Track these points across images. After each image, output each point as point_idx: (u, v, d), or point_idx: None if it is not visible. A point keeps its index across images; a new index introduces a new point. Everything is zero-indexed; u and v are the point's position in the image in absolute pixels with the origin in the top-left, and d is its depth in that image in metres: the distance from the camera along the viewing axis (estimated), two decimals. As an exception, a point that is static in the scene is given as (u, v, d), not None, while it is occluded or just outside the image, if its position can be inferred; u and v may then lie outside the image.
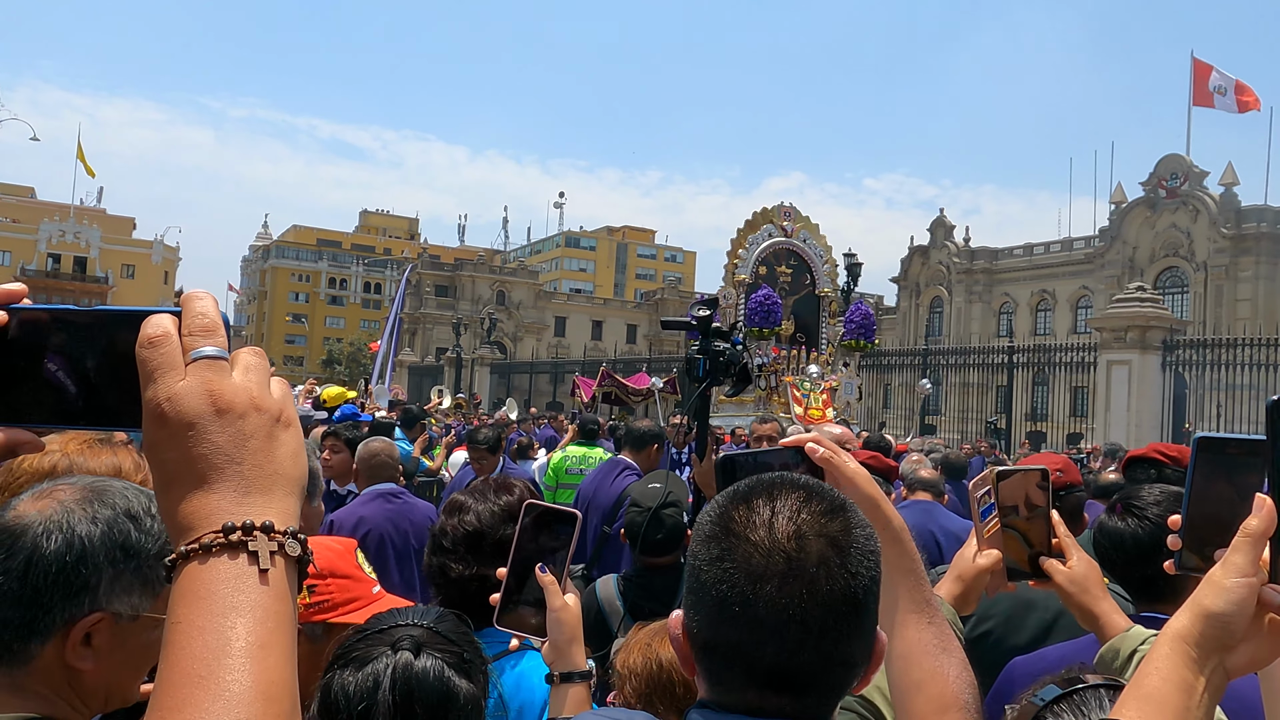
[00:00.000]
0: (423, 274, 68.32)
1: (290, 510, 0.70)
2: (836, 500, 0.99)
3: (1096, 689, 1.14)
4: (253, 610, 0.64)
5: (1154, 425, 19.23)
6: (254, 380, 0.71)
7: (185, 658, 0.62)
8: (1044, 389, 27.96)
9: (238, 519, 0.66)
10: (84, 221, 73.60)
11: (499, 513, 2.12)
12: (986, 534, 1.57)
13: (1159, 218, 49.82)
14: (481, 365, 38.74)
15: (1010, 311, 57.65)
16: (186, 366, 0.69)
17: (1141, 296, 20.74)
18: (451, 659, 1.30)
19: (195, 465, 0.67)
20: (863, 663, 0.98)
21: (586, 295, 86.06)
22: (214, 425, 0.68)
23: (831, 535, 0.94)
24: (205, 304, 0.72)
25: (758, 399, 15.89)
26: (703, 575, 0.96)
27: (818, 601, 0.92)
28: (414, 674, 1.26)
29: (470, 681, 1.30)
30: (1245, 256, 46.32)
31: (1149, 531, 1.81)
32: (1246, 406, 21.44)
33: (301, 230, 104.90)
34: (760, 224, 16.87)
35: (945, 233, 61.20)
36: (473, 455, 6.58)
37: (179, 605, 0.65)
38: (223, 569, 0.65)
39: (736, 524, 0.96)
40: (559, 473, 8.43)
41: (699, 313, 3.57)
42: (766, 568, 0.92)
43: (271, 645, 0.64)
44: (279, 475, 0.70)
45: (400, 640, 1.29)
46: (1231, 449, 1.28)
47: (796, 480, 1.02)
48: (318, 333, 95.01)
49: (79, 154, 53.04)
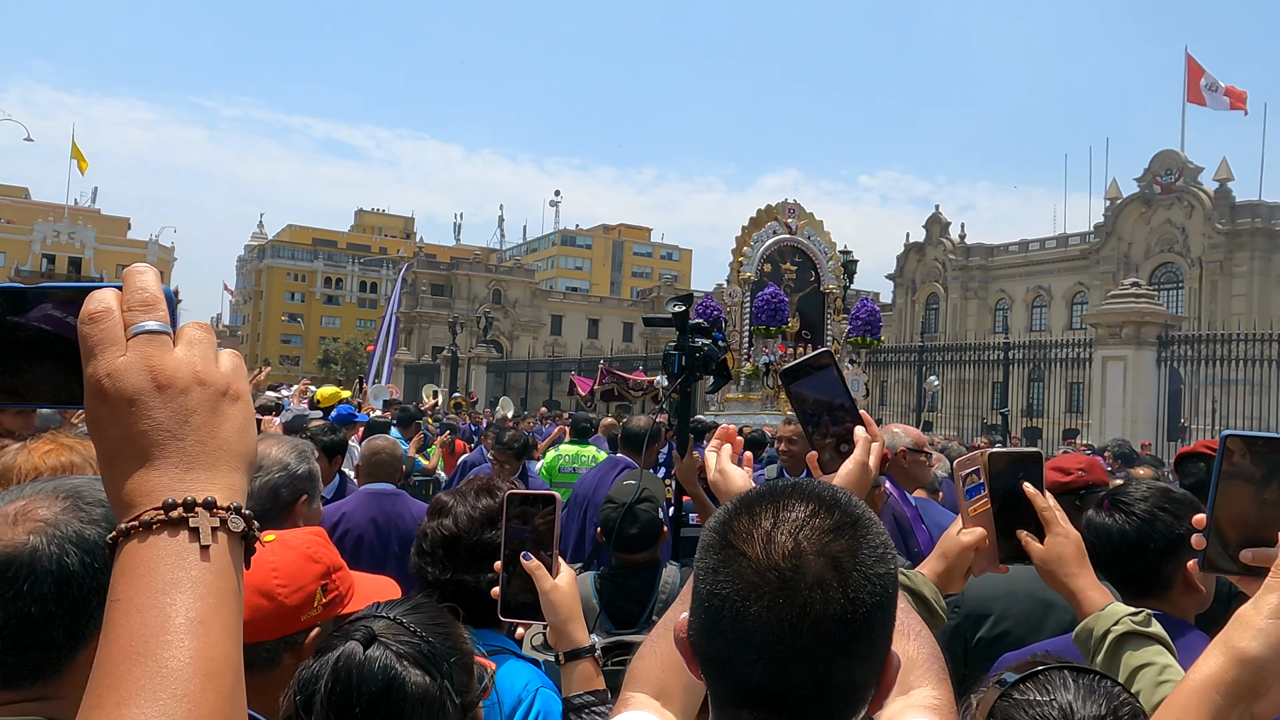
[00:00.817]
0: (419, 273, 68.30)
1: (236, 485, 0.69)
2: (850, 515, 0.93)
3: (1060, 670, 1.16)
4: (193, 586, 0.64)
5: (1149, 421, 19.27)
6: (198, 354, 0.70)
7: (123, 635, 0.61)
8: (1039, 385, 28.05)
9: (179, 495, 0.65)
10: (78, 222, 73.52)
11: (478, 517, 2.10)
12: (972, 513, 1.56)
13: (1154, 214, 49.92)
14: (478, 364, 38.75)
15: (1006, 308, 57.75)
16: (127, 342, 0.68)
17: (1136, 292, 20.78)
18: (406, 649, 1.26)
19: (137, 442, 0.66)
20: (868, 686, 0.93)
21: (583, 294, 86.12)
22: (155, 401, 0.67)
23: (834, 554, 0.89)
24: (146, 279, 0.71)
25: (765, 397, 15.86)
26: (700, 584, 0.93)
27: (809, 624, 0.87)
28: (354, 665, 1.23)
29: (428, 674, 1.25)
30: (1240, 252, 46.43)
31: (1136, 527, 1.83)
32: (1242, 402, 21.48)
33: (297, 230, 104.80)
34: (765, 221, 16.80)
35: (941, 229, 61.29)
36: (499, 458, 6.50)
37: (119, 582, 0.64)
38: (163, 546, 0.64)
39: (735, 535, 0.92)
40: (552, 472, 8.44)
41: (675, 308, 3.56)
42: (759, 585, 0.89)
43: (213, 621, 0.63)
44: (223, 450, 0.69)
45: (355, 632, 1.27)
46: (1260, 447, 1.27)
47: (811, 490, 0.96)
48: (313, 332, 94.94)
49: (74, 150, 52.85)
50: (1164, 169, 49.54)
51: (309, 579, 1.51)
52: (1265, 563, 1.27)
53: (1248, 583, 1.30)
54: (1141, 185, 50.66)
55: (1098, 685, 1.15)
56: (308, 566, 1.53)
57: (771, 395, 15.75)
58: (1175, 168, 49.01)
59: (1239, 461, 1.27)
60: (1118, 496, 1.92)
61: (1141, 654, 1.40)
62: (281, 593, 1.48)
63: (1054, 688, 1.14)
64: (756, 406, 15.55)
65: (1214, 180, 48.08)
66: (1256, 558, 1.26)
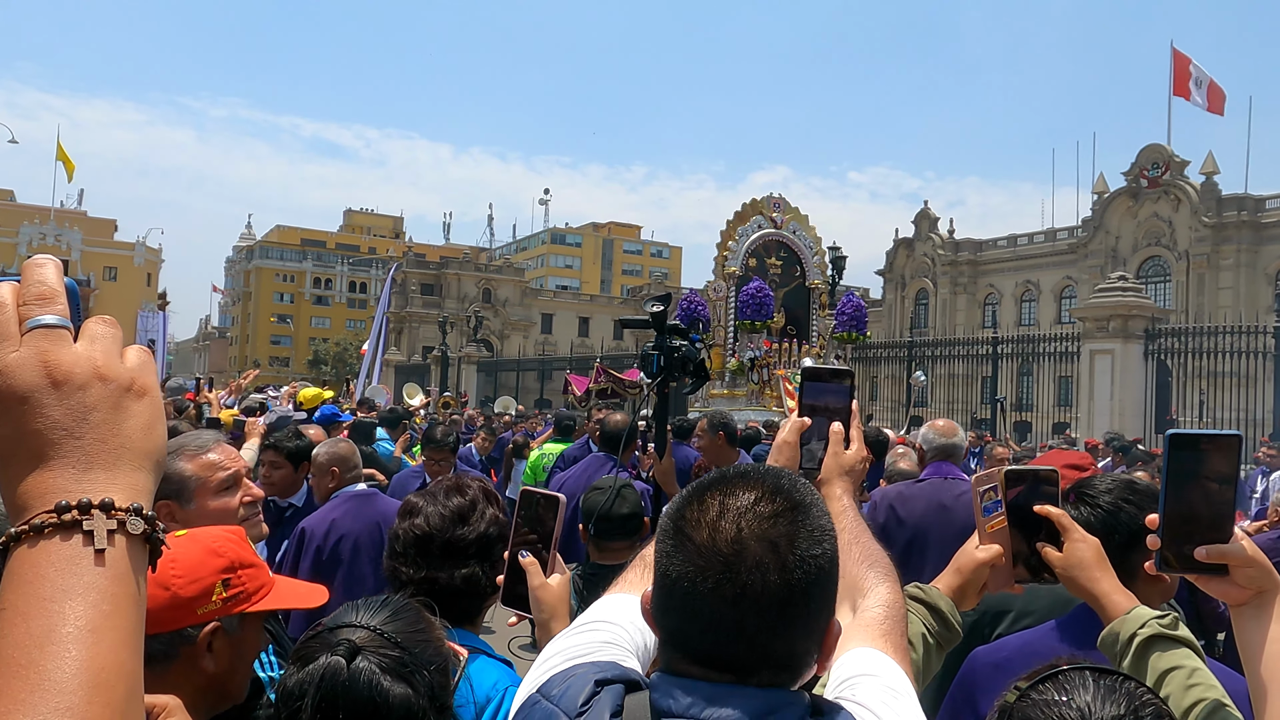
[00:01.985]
0: (408, 273, 68.12)
1: (139, 485, 0.66)
2: (792, 501, 1.02)
3: (1082, 670, 1.13)
4: (85, 593, 0.60)
5: (1137, 414, 19.35)
6: (99, 349, 0.67)
7: (7, 645, 0.58)
8: (1029, 379, 28.09)
9: (74, 497, 0.62)
10: (65, 224, 73.10)
11: (449, 515, 2.13)
12: (989, 529, 1.56)
13: (1141, 207, 50.12)
14: (468, 363, 38.67)
15: (995, 303, 57.91)
16: (22, 337, 0.64)
17: (1124, 286, 20.85)
18: (389, 663, 1.28)
19: (30, 441, 0.63)
20: (810, 653, 1.03)
21: (573, 292, 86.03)
22: (50, 398, 0.63)
23: (772, 539, 0.99)
24: (44, 271, 0.67)
25: (750, 393, 15.80)
26: (657, 565, 1.05)
27: (749, 603, 0.97)
28: (341, 681, 1.26)
29: (409, 685, 1.28)
30: (1226, 245, 46.66)
31: (1100, 519, 1.84)
32: (1229, 394, 21.59)
33: (285, 230, 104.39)
34: (749, 215, 16.65)
35: (930, 225, 61.42)
36: (432, 455, 6.03)
37: (7, 590, 0.60)
38: (54, 551, 0.61)
39: (686, 522, 1.03)
40: (536, 471, 8.39)
41: (652, 308, 3.54)
42: (704, 568, 0.99)
43: (105, 630, 0.60)
44: (126, 449, 0.66)
45: (338, 645, 1.29)
46: (1204, 445, 1.27)
47: (759, 477, 1.05)
48: (303, 333, 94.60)
49: (59, 152, 52.43)
50: (1150, 163, 49.72)
51: (208, 572, 1.48)
52: (1219, 559, 1.26)
53: (1205, 580, 1.29)
54: (1128, 179, 50.85)
55: (1119, 686, 1.12)
56: (208, 560, 1.50)
57: (756, 391, 15.69)
58: (1162, 161, 49.20)
59: (1187, 460, 1.27)
60: (1083, 489, 1.93)
61: (1169, 656, 1.38)
62: (177, 584, 1.45)
63: (1073, 688, 1.12)
64: (741, 402, 15.46)
65: (1200, 173, 48.29)
66: (1210, 554, 1.26)
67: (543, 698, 1.05)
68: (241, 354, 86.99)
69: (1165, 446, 1.29)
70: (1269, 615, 1.26)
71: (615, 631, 1.19)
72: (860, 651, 1.17)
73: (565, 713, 1.00)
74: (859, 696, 1.06)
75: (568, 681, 1.04)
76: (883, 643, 1.20)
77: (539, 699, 1.06)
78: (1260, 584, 1.27)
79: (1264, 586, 1.27)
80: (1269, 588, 1.27)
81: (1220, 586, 1.29)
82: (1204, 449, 1.27)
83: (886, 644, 1.20)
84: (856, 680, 1.10)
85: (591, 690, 1.01)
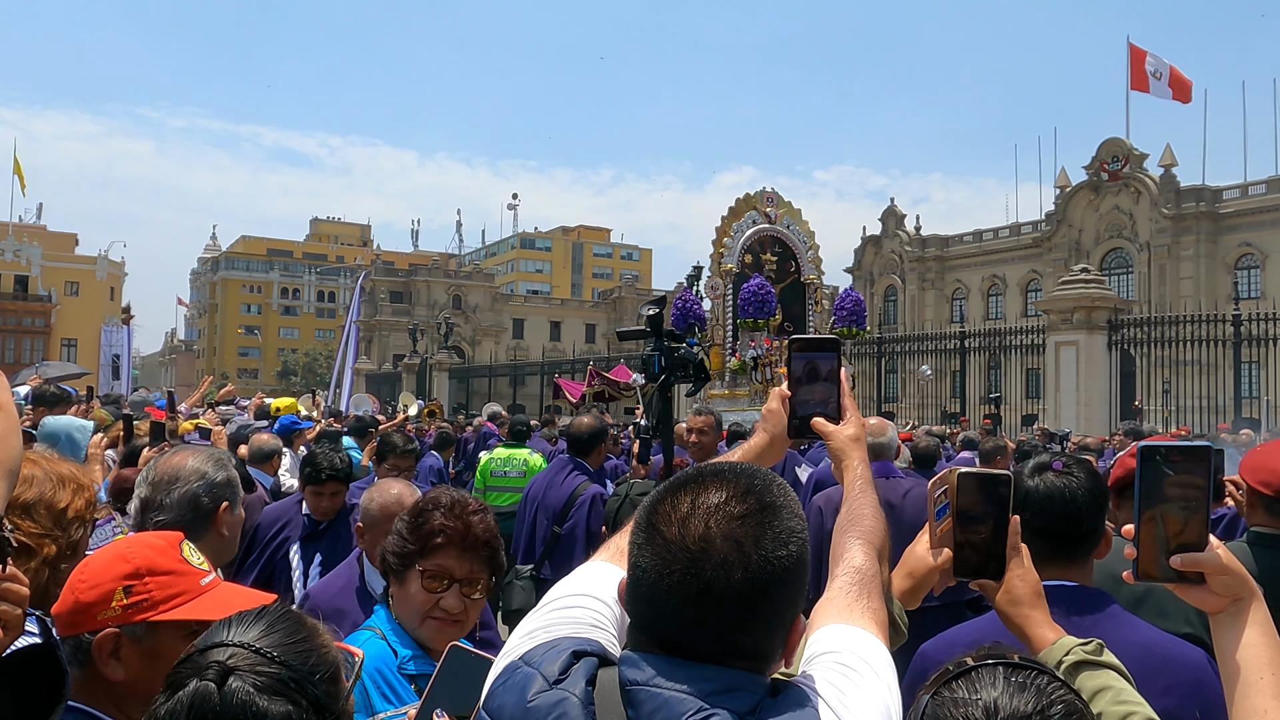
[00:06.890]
0: (377, 281, 67.66)
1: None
2: (763, 503, 1.06)
3: (995, 665, 1.10)
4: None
5: (1103, 404, 19.63)
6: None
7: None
8: (998, 372, 28.38)
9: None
10: (23, 239, 71.66)
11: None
12: (939, 532, 1.58)
13: (1102, 200, 50.89)
14: (440, 370, 38.41)
15: (963, 297, 58.51)
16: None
17: (1086, 278, 21.16)
18: (265, 681, 1.17)
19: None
20: (775, 648, 1.07)
21: (544, 296, 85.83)
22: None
23: (739, 539, 1.02)
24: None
25: (752, 392, 15.31)
26: (630, 555, 1.09)
27: (712, 599, 1.01)
28: (213, 707, 1.15)
29: (289, 701, 1.18)
30: (1186, 236, 47.49)
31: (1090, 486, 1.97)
32: (1192, 382, 21.98)
33: (251, 240, 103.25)
34: (744, 211, 16.28)
35: (896, 222, 61.97)
36: (399, 464, 5.58)
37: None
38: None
39: (658, 517, 1.07)
40: (485, 475, 8.29)
41: (648, 313, 3.55)
42: (671, 562, 1.03)
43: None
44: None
45: (207, 668, 1.18)
46: (1176, 456, 1.30)
47: (731, 475, 1.09)
48: (272, 344, 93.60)
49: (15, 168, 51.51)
50: (1110, 156, 50.50)
51: (109, 578, 1.46)
52: (1195, 568, 1.29)
53: (1183, 589, 1.32)
54: (1090, 173, 51.61)
55: (1029, 681, 1.07)
56: (114, 565, 1.49)
57: (759, 390, 15.11)
58: (1121, 155, 49.99)
59: (1159, 471, 1.30)
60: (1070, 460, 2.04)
61: (1098, 677, 1.41)
62: (80, 588, 1.46)
63: (982, 685, 1.07)
64: (743, 402, 14.94)
65: (1159, 166, 49.15)
66: (1186, 563, 1.29)
67: (524, 663, 1.10)
68: (209, 367, 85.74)
69: (1138, 458, 1.31)
70: (1244, 622, 1.28)
71: (598, 611, 1.21)
72: (824, 631, 1.18)
73: (545, 678, 1.06)
74: (813, 676, 1.08)
75: (548, 652, 1.10)
76: (848, 613, 1.22)
77: (520, 664, 1.11)
78: (1236, 591, 1.29)
79: (1239, 594, 1.29)
80: (1244, 595, 1.29)
81: (1198, 594, 1.31)
82: (1176, 460, 1.29)
83: (853, 611, 1.22)
84: (815, 660, 1.12)
85: (568, 660, 1.07)
